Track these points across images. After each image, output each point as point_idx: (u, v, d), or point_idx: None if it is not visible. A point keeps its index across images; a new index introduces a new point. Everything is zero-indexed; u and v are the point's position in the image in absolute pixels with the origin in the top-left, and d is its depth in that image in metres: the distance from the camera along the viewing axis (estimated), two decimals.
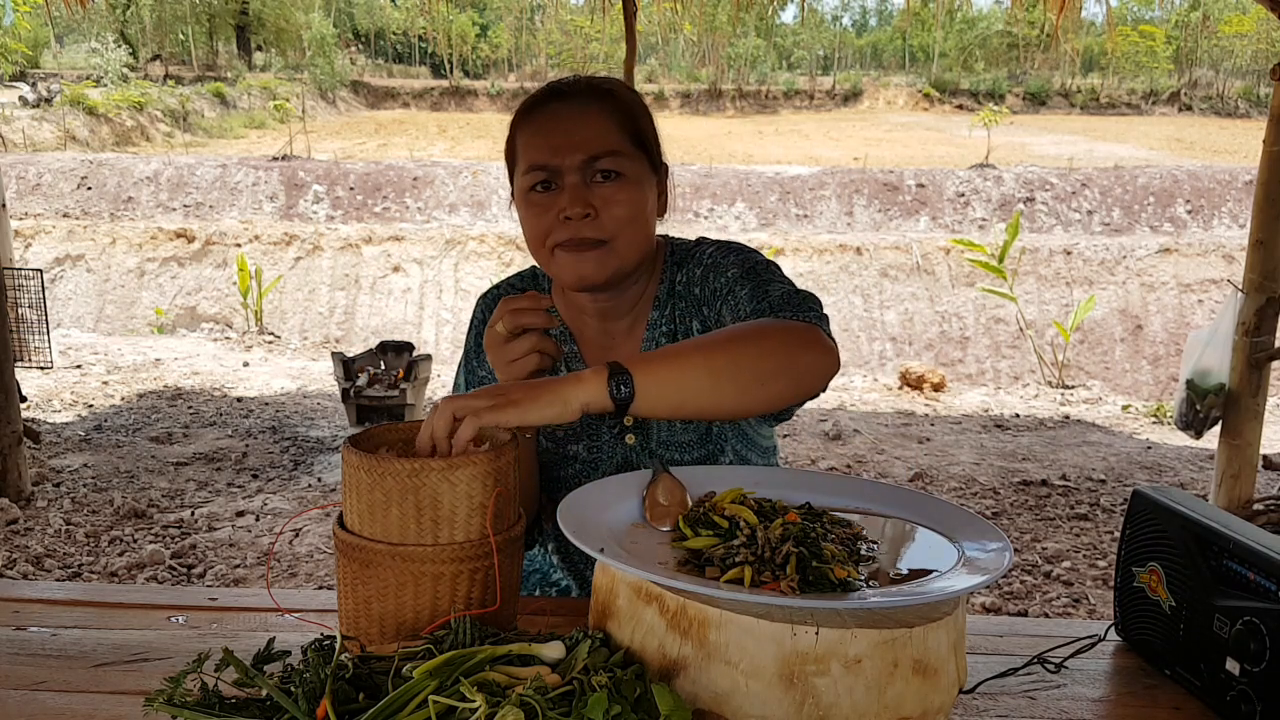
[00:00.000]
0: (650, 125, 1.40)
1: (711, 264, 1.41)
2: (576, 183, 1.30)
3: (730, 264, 1.39)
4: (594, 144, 1.31)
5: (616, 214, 1.31)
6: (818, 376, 1.17)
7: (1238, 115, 37.68)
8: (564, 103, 1.34)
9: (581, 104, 1.33)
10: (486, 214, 14.13)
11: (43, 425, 6.02)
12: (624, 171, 1.32)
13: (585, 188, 1.31)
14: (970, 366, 11.34)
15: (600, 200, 1.31)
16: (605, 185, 1.31)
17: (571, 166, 1.30)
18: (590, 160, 1.30)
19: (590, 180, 1.31)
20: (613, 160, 1.31)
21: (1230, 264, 11.85)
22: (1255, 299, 4.32)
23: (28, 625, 1.21)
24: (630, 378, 1.06)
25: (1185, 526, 1.10)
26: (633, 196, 1.33)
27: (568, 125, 1.32)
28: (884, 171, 15.35)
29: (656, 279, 1.45)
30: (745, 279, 1.36)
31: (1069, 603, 3.90)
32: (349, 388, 5.90)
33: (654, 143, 1.40)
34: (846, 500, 1.18)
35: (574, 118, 1.32)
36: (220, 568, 4.09)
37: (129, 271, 12.61)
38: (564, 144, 1.31)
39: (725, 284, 1.38)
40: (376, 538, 1.02)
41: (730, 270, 1.38)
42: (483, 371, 1.47)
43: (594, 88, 1.36)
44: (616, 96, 1.36)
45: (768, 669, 0.85)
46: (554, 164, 1.31)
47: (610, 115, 1.34)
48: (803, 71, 50.74)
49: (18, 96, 23.84)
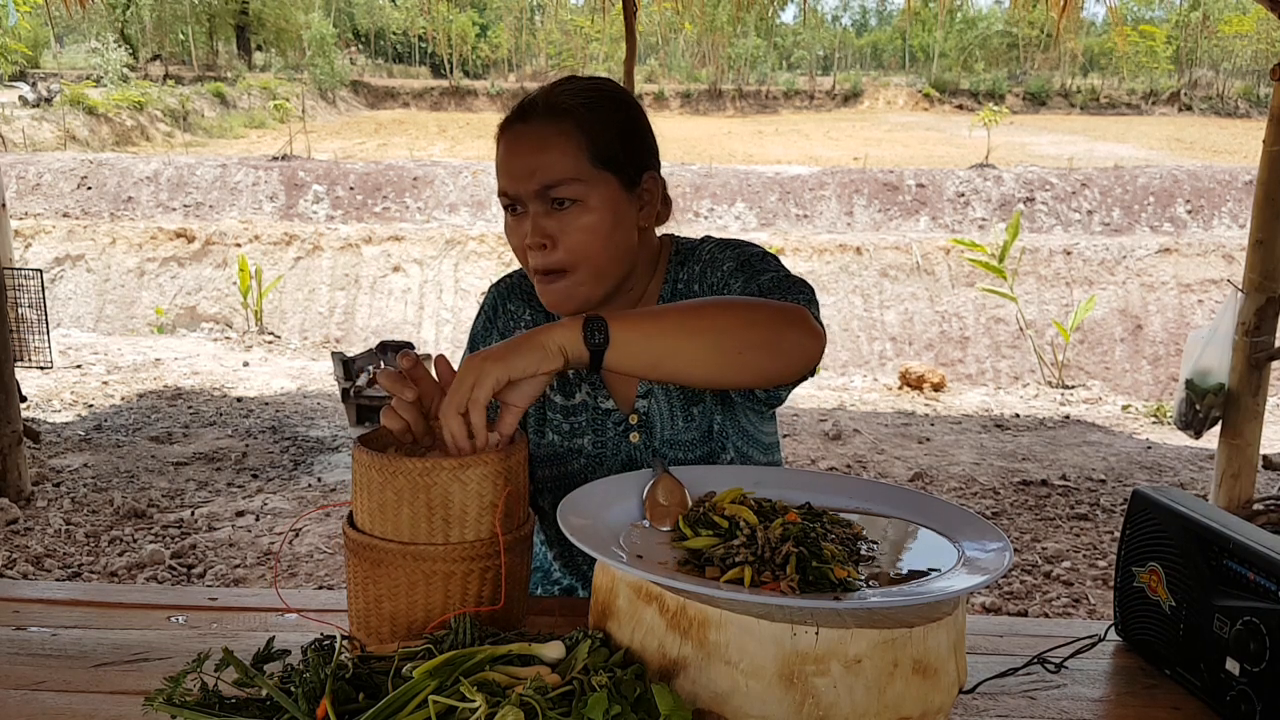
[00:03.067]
0: (627, 137, 1.34)
1: (710, 259, 1.41)
2: (536, 212, 1.29)
3: (727, 258, 1.39)
4: (547, 172, 1.28)
5: (574, 243, 1.29)
6: (802, 356, 1.16)
7: (1238, 115, 37.67)
8: (526, 125, 1.31)
9: (540, 128, 1.30)
10: (486, 214, 14.13)
11: (43, 425, 6.02)
12: (581, 198, 1.29)
13: (545, 216, 1.29)
14: (970, 366, 11.34)
15: (558, 229, 1.29)
16: (562, 213, 1.29)
17: (528, 195, 1.29)
18: (545, 189, 1.28)
19: (549, 208, 1.29)
20: (567, 188, 1.28)
21: (1230, 264, 11.86)
22: (1255, 299, 4.32)
23: (28, 625, 1.21)
24: (606, 326, 1.05)
25: (1185, 526, 1.10)
26: (591, 223, 1.30)
27: (524, 153, 1.30)
28: (884, 171, 15.35)
29: (660, 279, 1.45)
30: (740, 270, 1.36)
31: (1069, 603, 3.90)
32: (349, 388, 5.90)
33: (630, 156, 1.34)
34: (846, 500, 1.18)
35: (530, 145, 1.30)
36: (220, 568, 4.09)
37: (129, 271, 12.61)
38: (520, 172, 1.29)
39: (720, 277, 1.38)
40: (387, 537, 1.02)
41: (726, 264, 1.38)
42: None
43: (554, 107, 1.31)
44: (576, 116, 1.30)
45: (768, 669, 0.85)
46: (514, 192, 1.30)
47: (569, 139, 1.29)
48: (803, 71, 50.73)
49: (18, 96, 23.83)
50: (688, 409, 1.42)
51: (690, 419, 1.42)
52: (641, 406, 1.43)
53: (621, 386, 1.44)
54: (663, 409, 1.43)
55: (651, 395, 1.43)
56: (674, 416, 1.42)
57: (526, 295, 1.49)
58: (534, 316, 1.48)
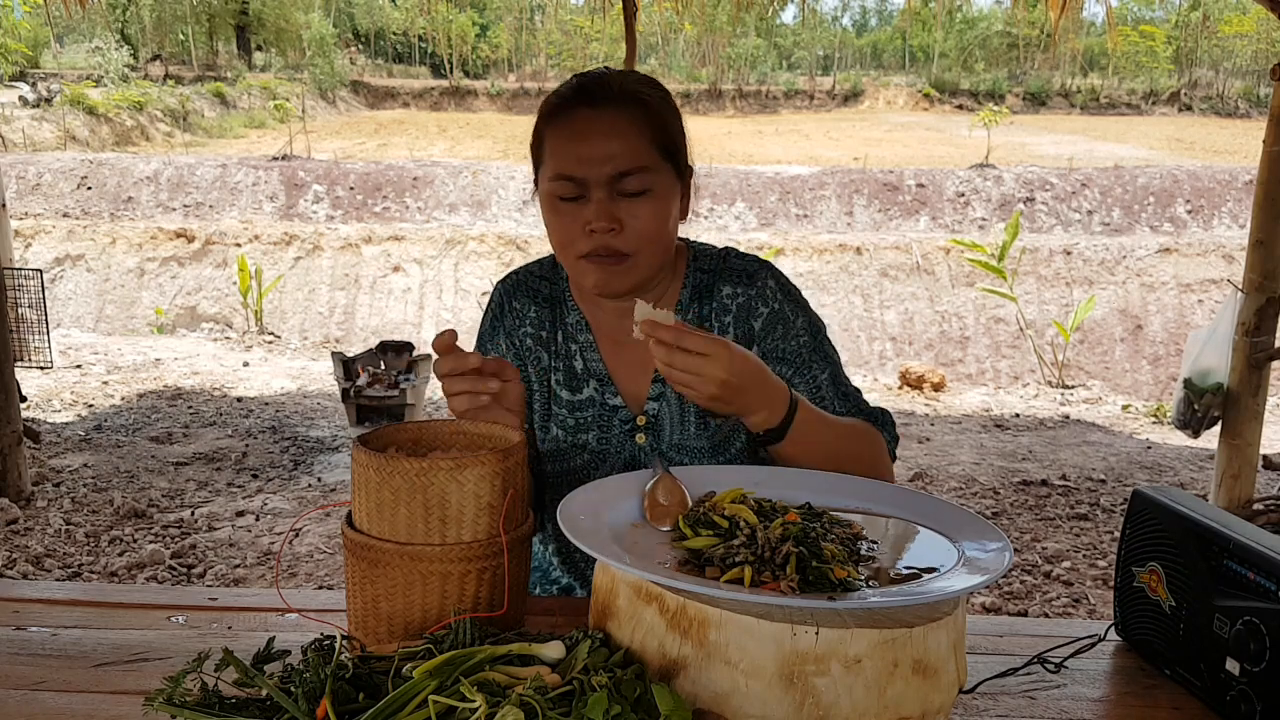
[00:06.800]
0: (680, 128, 1.39)
1: (779, 311, 1.43)
2: (603, 198, 1.30)
3: (800, 327, 1.43)
4: (622, 160, 1.30)
5: (641, 229, 1.32)
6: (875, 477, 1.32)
7: (1238, 115, 37.65)
8: (595, 110, 1.32)
9: (612, 114, 1.31)
10: (486, 214, 14.13)
11: (43, 425, 6.02)
12: (651, 187, 1.32)
13: (611, 202, 1.30)
14: (970, 366, 11.34)
15: (626, 215, 1.31)
16: (632, 201, 1.31)
17: (599, 181, 1.29)
18: (618, 176, 1.30)
19: (616, 194, 1.30)
20: (640, 178, 1.31)
21: (1230, 264, 11.84)
22: (1255, 299, 4.32)
23: (28, 625, 1.21)
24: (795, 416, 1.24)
25: (1185, 526, 1.10)
26: (658, 211, 1.33)
27: (596, 138, 1.30)
28: (884, 171, 15.35)
29: (679, 281, 1.45)
30: (818, 356, 1.43)
31: (1069, 603, 3.90)
32: (349, 388, 5.90)
33: (682, 146, 1.39)
34: (846, 500, 1.18)
35: (603, 130, 1.31)
36: (220, 568, 4.09)
37: (129, 271, 12.60)
38: (592, 157, 1.29)
39: (797, 349, 1.42)
40: (385, 537, 1.02)
41: (801, 335, 1.43)
42: (495, 355, 1.47)
43: (626, 94, 1.33)
44: (648, 106, 1.34)
45: (768, 669, 0.85)
46: (581, 176, 1.30)
47: (641, 126, 1.32)
48: (803, 71, 50.71)
49: (18, 96, 23.80)
50: (702, 417, 1.41)
51: (704, 427, 1.42)
52: (651, 409, 1.43)
53: (631, 385, 1.44)
54: (674, 412, 1.42)
55: (664, 398, 1.43)
56: (685, 422, 1.42)
57: (532, 292, 1.49)
58: (539, 314, 1.48)
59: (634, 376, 1.44)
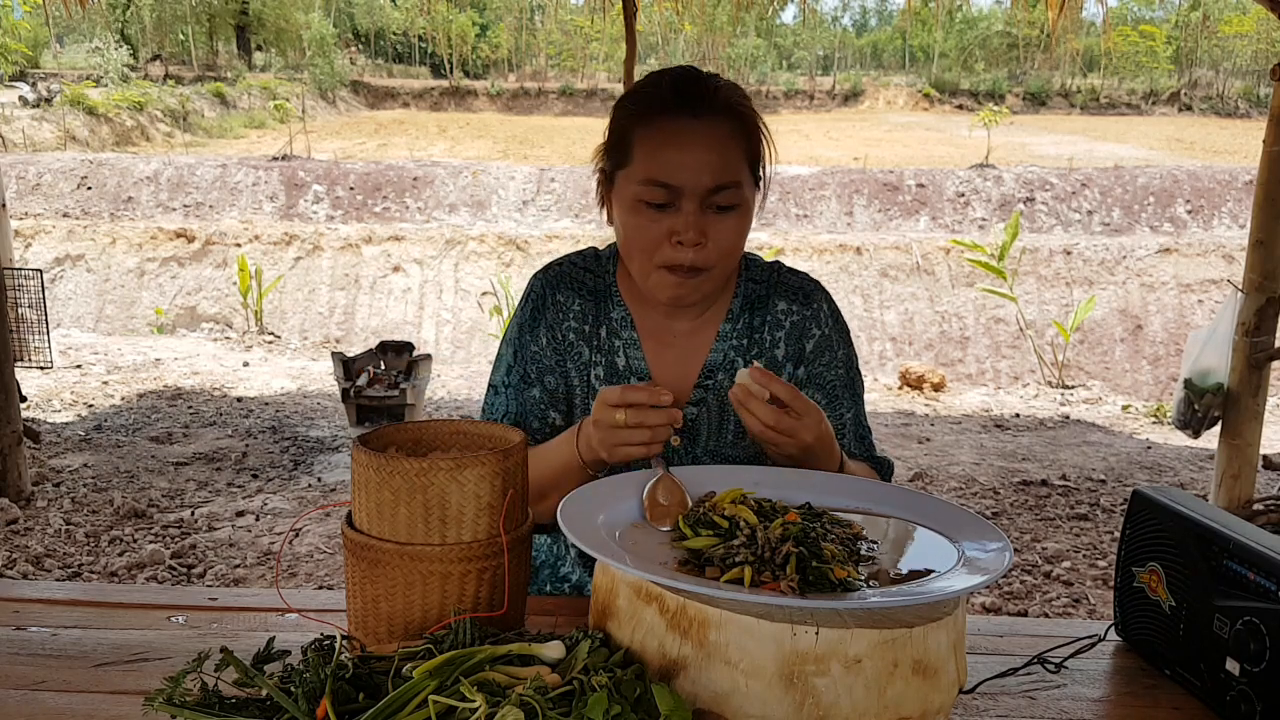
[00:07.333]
0: (764, 142, 1.38)
1: (828, 338, 1.46)
2: (694, 210, 1.29)
3: (841, 359, 1.46)
4: (721, 174, 1.29)
5: (725, 245, 1.32)
6: None
7: (1238, 115, 37.64)
8: (699, 120, 1.30)
9: (713, 125, 1.30)
10: (486, 214, 14.13)
11: (43, 425, 6.02)
12: (740, 203, 1.31)
13: (701, 215, 1.29)
14: (970, 366, 11.34)
15: (713, 229, 1.30)
16: (720, 215, 1.30)
17: (694, 192, 1.28)
18: (714, 190, 1.29)
19: (705, 206, 1.29)
20: (733, 193, 1.30)
21: (1230, 264, 11.85)
22: (1255, 299, 4.32)
23: (28, 625, 1.21)
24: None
25: (1185, 526, 1.10)
26: (742, 227, 1.33)
27: (697, 148, 1.28)
28: (884, 171, 15.35)
29: (730, 291, 1.45)
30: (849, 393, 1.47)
31: (1069, 603, 3.90)
32: (349, 388, 5.90)
33: (763, 160, 1.38)
34: (846, 500, 1.18)
35: (704, 141, 1.29)
36: (220, 568, 4.08)
37: (129, 271, 12.60)
38: (692, 166, 1.28)
39: (833, 380, 1.45)
40: (385, 537, 1.02)
41: (840, 367, 1.46)
42: (534, 347, 1.45)
43: (728, 106, 1.32)
44: (745, 120, 1.33)
45: (768, 669, 0.85)
46: (677, 185, 1.28)
47: (739, 140, 1.31)
48: (803, 71, 50.69)
49: (18, 96, 23.80)
50: (742, 429, 1.39)
51: (741, 436, 1.41)
52: (690, 413, 1.41)
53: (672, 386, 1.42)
54: (713, 419, 1.42)
55: (704, 404, 1.42)
56: (724, 429, 1.42)
57: (577, 285, 1.46)
58: (583, 307, 1.45)
59: (676, 377, 1.43)
